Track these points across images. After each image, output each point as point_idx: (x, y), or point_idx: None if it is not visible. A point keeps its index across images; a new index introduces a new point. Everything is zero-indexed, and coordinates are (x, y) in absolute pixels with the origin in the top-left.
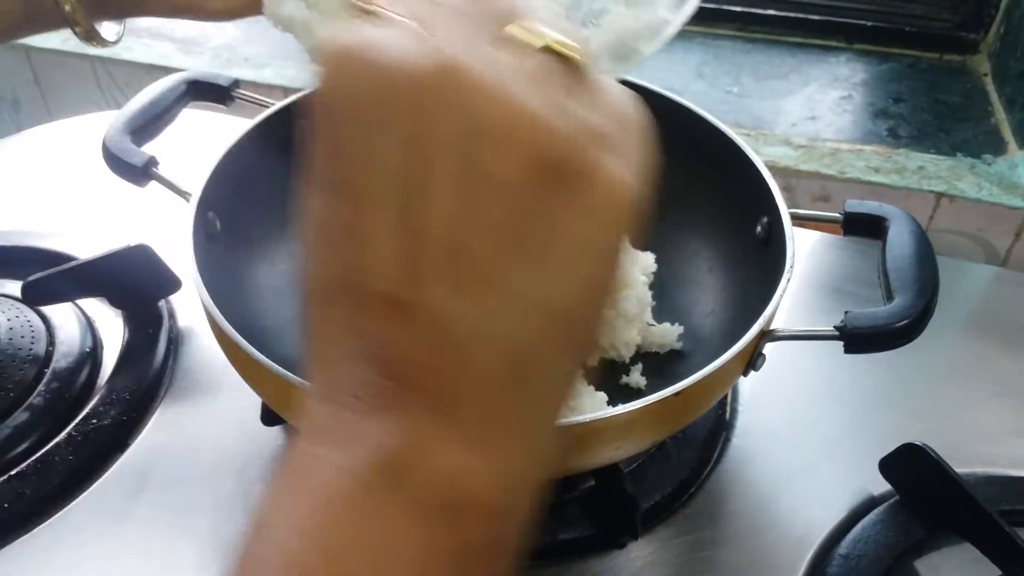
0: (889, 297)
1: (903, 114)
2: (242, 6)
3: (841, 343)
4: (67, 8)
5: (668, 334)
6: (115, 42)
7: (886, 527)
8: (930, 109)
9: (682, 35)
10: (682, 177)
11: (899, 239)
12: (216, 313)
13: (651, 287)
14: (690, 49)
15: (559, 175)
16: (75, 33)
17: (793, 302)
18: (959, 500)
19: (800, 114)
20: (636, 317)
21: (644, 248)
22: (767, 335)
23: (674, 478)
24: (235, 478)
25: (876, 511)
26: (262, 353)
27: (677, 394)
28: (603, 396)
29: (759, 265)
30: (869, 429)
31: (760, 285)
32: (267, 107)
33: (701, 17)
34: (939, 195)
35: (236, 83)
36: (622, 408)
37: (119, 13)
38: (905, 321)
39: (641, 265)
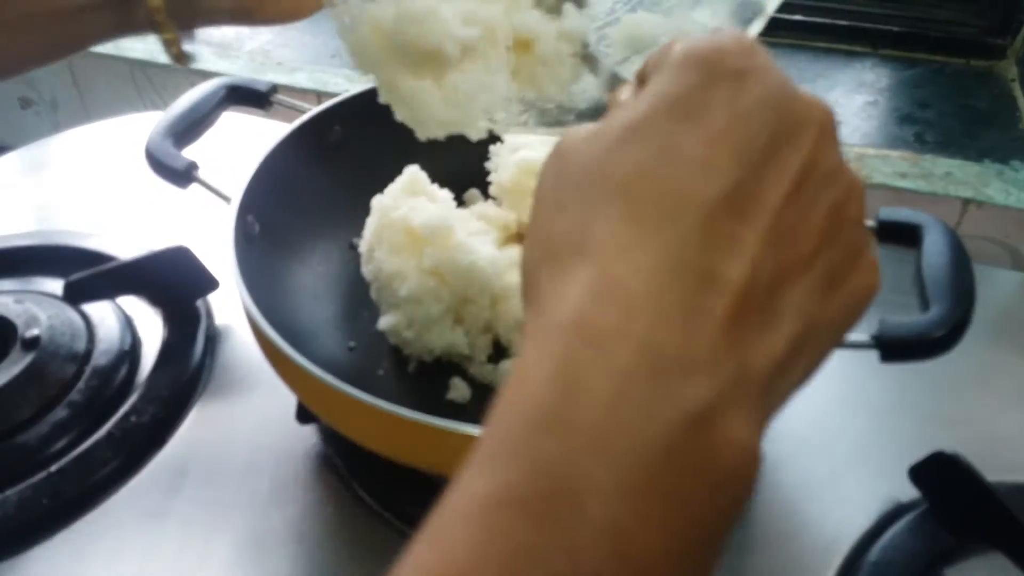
0: (925, 306)
1: (930, 120)
2: (297, 10)
3: (875, 351)
4: (158, 18)
5: None
6: (192, 59)
7: (915, 535)
8: (957, 115)
9: None
10: None
11: (935, 247)
12: (257, 315)
13: None
14: None
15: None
16: (164, 43)
17: None
18: (990, 509)
19: None
20: None
21: None
22: None
23: None
24: (270, 475)
25: (905, 519)
26: (298, 352)
27: None
28: None
29: None
30: (897, 435)
31: None
32: (303, 112)
33: None
34: (966, 201)
35: (274, 88)
36: None
37: (194, 24)
38: (943, 331)
39: None
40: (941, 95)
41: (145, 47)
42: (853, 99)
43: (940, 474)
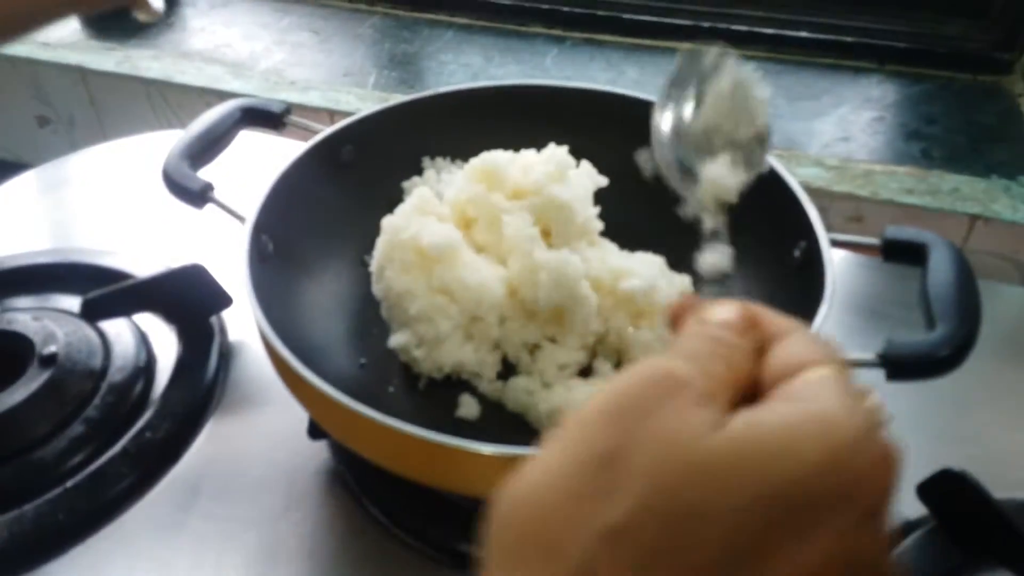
0: (931, 325)
1: (936, 135)
2: None
3: (881, 371)
4: None
5: None
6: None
7: (923, 553)
8: (964, 130)
9: None
10: None
11: (940, 265)
12: (270, 334)
13: None
14: None
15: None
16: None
17: (828, 324)
18: (998, 526)
19: (833, 135)
20: None
21: (680, 271)
22: None
23: None
24: (282, 492)
25: (913, 536)
26: (311, 370)
27: None
28: None
29: (796, 290)
30: (905, 452)
31: (797, 311)
32: (316, 132)
33: (733, 39)
34: (974, 217)
35: (288, 109)
36: None
37: None
38: (948, 350)
39: (679, 288)
40: (948, 111)
41: (160, 67)
42: (860, 115)
43: (948, 491)
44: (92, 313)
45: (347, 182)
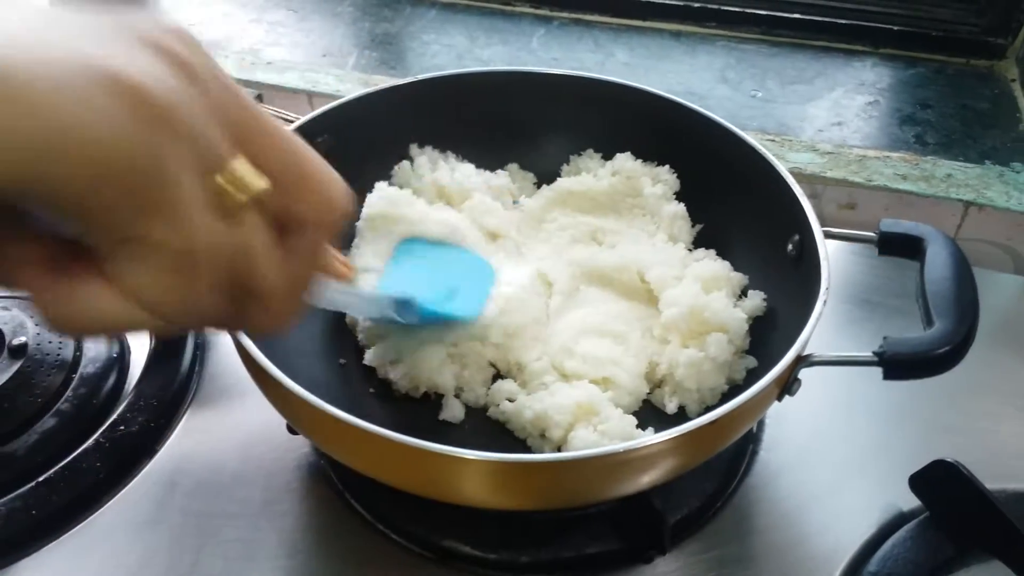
0: (929, 322)
1: (930, 120)
2: None
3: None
4: None
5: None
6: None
7: (916, 544)
8: (958, 115)
9: (705, 38)
10: (708, 191)
11: (938, 260)
12: (246, 339)
13: None
14: (714, 53)
15: None
16: None
17: (823, 316)
18: (990, 517)
19: (826, 120)
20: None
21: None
22: (803, 360)
23: (701, 492)
24: (261, 486)
25: (906, 528)
26: (285, 372)
27: (712, 423)
28: (631, 419)
29: (790, 284)
30: (898, 444)
31: (791, 304)
32: (291, 121)
33: (725, 20)
34: (967, 204)
35: (259, 96)
36: (655, 438)
37: None
38: (947, 347)
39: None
40: (942, 95)
41: None
42: (853, 99)
43: (940, 483)
44: None
45: None
